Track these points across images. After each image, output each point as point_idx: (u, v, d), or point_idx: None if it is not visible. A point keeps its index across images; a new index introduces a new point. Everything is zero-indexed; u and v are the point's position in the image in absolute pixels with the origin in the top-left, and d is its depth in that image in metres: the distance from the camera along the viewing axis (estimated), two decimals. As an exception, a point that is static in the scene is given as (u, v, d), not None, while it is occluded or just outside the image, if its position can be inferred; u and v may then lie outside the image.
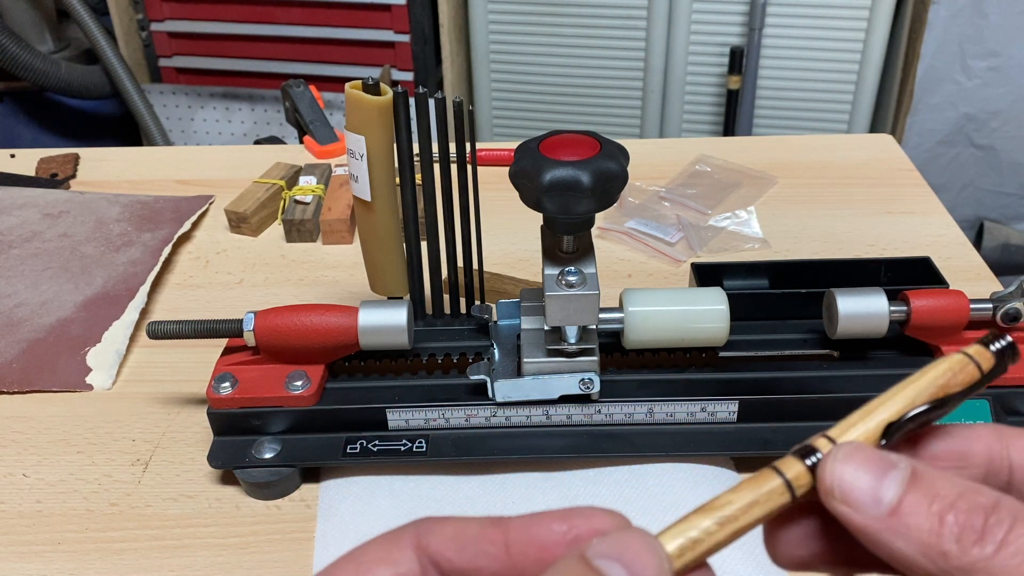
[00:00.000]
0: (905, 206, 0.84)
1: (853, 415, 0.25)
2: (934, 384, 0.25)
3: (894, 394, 0.26)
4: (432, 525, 0.24)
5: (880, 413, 0.25)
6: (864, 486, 0.23)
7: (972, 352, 0.26)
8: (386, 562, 0.24)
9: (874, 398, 0.26)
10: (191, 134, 2.04)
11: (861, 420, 0.25)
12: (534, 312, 0.57)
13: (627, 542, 0.22)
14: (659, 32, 1.76)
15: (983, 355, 0.26)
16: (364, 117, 0.54)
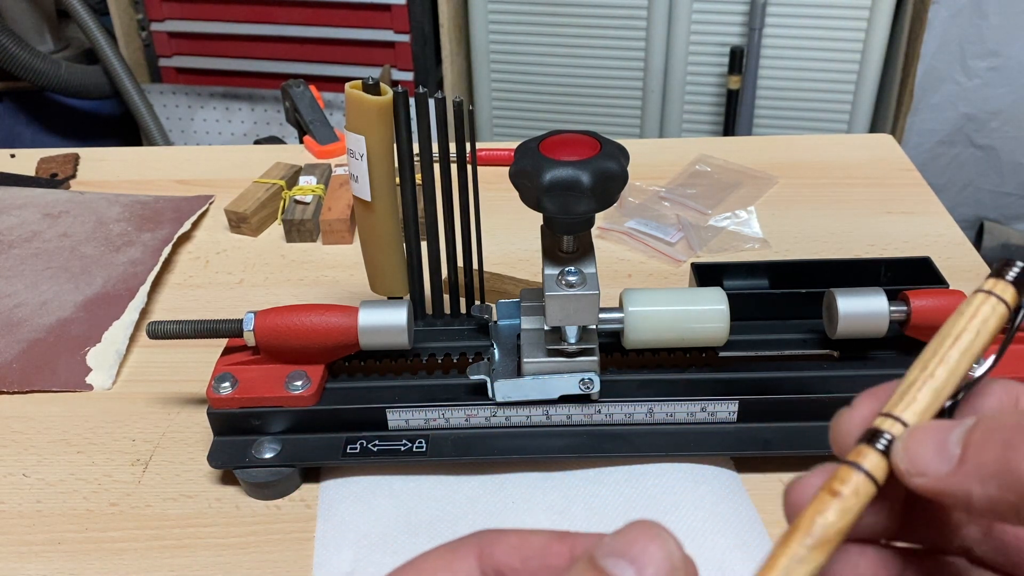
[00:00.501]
0: (905, 206, 0.84)
1: (905, 386, 0.25)
2: (980, 342, 0.25)
3: (941, 357, 0.25)
4: (494, 536, 0.24)
5: (934, 382, 0.24)
6: (931, 450, 0.23)
7: (990, 288, 0.24)
8: (447, 570, 0.23)
9: (916, 363, 0.25)
10: (191, 134, 2.04)
11: (919, 394, 0.24)
12: (534, 312, 0.57)
13: (633, 537, 0.21)
14: (659, 32, 1.76)
15: (1003, 289, 0.24)
16: (364, 117, 0.54)
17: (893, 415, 0.24)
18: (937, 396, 0.24)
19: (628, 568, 0.21)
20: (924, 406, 0.24)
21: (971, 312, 0.25)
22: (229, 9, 1.92)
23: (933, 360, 0.25)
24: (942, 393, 0.24)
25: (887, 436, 0.24)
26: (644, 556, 0.21)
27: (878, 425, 0.24)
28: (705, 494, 0.52)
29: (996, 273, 0.25)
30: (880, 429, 0.24)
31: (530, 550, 0.24)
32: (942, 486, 0.22)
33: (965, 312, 0.25)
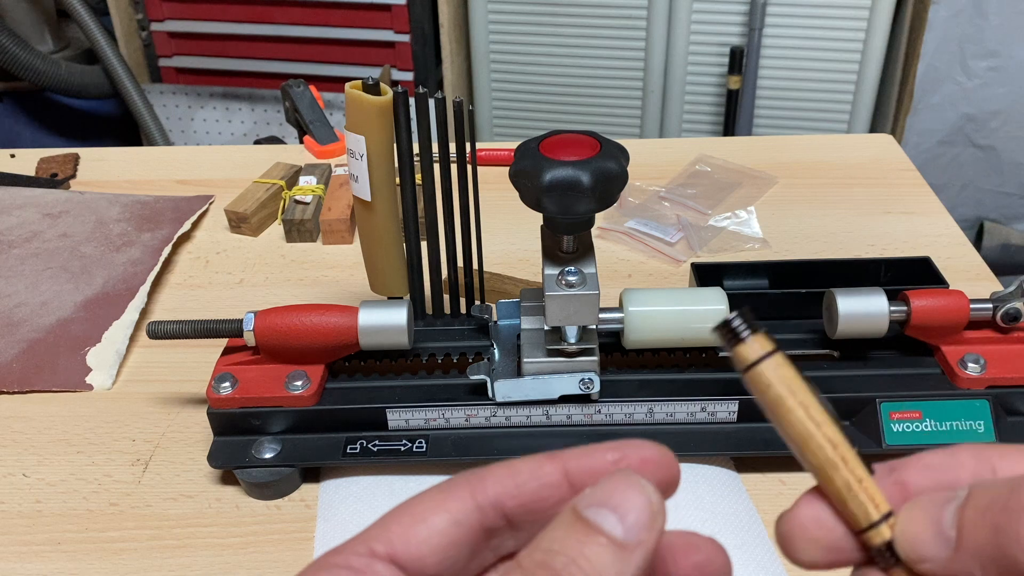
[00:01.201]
0: (905, 206, 0.84)
1: (840, 488, 0.24)
2: (805, 394, 0.24)
3: (821, 442, 0.24)
4: (483, 471, 0.24)
5: (848, 465, 0.24)
6: (929, 534, 0.22)
7: (754, 357, 0.24)
8: (442, 509, 0.24)
9: (809, 462, 0.24)
10: (191, 134, 2.04)
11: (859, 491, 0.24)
12: (534, 312, 0.57)
13: (614, 487, 0.22)
14: (659, 32, 1.76)
15: (756, 347, 0.24)
16: (364, 117, 0.54)
17: (875, 524, 0.23)
18: (857, 470, 0.24)
19: (610, 516, 0.21)
20: (870, 492, 0.23)
21: (771, 385, 0.24)
22: (229, 9, 1.92)
23: (820, 453, 0.23)
24: (854, 463, 0.24)
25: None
26: (626, 504, 0.22)
27: (878, 542, 0.23)
28: (705, 494, 0.52)
29: (734, 342, 0.24)
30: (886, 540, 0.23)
31: (522, 475, 0.24)
32: (946, 571, 0.22)
33: (774, 394, 0.24)
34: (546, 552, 0.22)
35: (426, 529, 0.23)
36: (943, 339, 0.57)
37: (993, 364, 0.55)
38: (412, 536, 0.23)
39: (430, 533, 0.23)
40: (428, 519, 0.24)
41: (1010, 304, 0.56)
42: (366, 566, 0.23)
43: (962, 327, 0.56)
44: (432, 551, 0.23)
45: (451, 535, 0.23)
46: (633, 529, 0.22)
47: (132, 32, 2.01)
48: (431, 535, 0.23)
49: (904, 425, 0.54)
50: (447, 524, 0.23)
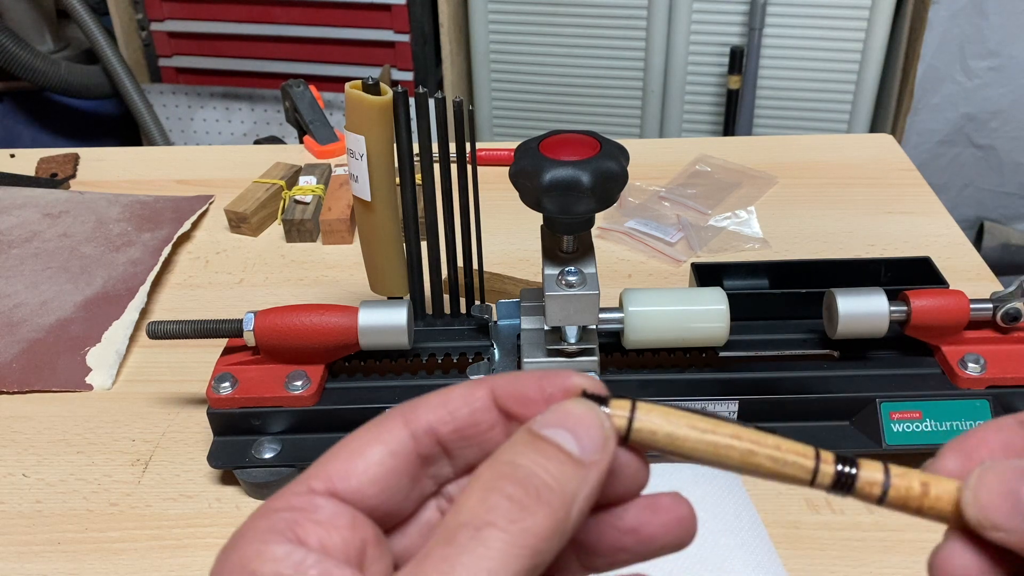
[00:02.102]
0: (905, 206, 0.84)
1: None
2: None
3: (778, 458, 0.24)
4: (415, 402, 0.25)
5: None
6: (1005, 503, 0.22)
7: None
8: (378, 441, 0.24)
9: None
10: (191, 134, 2.04)
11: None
12: (534, 312, 0.57)
13: (569, 410, 0.23)
14: (659, 32, 1.76)
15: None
16: (364, 117, 0.54)
17: (816, 472, 0.24)
18: (768, 441, 0.24)
19: (567, 435, 0.23)
20: (792, 451, 0.24)
21: (654, 432, 0.24)
22: (229, 9, 1.91)
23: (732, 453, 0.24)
24: (761, 439, 0.24)
25: (853, 471, 0.24)
26: (580, 426, 0.23)
27: (829, 482, 0.24)
28: (705, 494, 0.52)
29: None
30: (857, 463, 0.24)
31: (454, 403, 0.25)
32: (1019, 543, 0.22)
33: (661, 437, 0.24)
34: (507, 463, 0.22)
35: (363, 462, 0.24)
36: (943, 339, 0.57)
37: (993, 364, 0.55)
38: (350, 470, 0.24)
39: (367, 465, 0.24)
40: (364, 452, 0.24)
41: (1010, 304, 0.56)
42: (307, 503, 0.23)
43: (962, 327, 0.56)
44: (371, 481, 0.24)
45: (388, 465, 0.24)
46: (588, 448, 0.23)
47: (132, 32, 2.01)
48: (368, 467, 0.24)
49: (904, 425, 0.54)
50: (383, 455, 0.24)
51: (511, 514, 0.21)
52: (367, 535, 0.24)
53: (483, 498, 0.21)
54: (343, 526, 0.23)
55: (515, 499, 0.21)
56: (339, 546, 0.23)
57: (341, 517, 0.23)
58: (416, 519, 0.26)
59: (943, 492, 0.24)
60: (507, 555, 0.20)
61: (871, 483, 0.24)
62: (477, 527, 0.21)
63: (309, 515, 0.23)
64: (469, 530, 0.21)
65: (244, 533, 0.23)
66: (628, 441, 0.24)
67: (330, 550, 0.22)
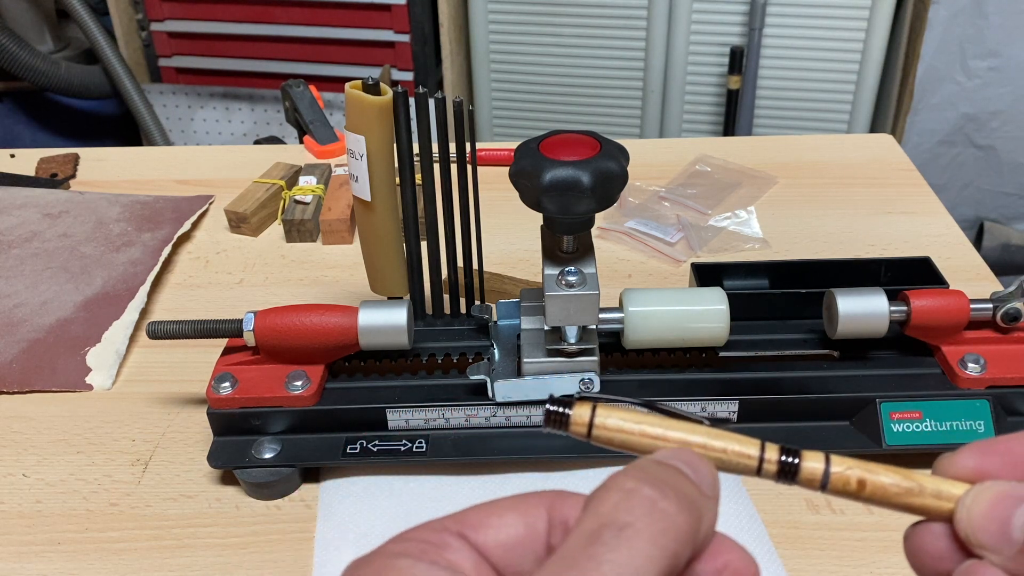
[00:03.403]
0: (905, 206, 0.84)
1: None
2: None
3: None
4: (565, 492, 0.26)
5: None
6: (995, 527, 0.24)
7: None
8: (518, 511, 0.25)
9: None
10: (191, 134, 2.04)
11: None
12: (534, 312, 0.57)
13: (680, 451, 0.25)
14: (659, 32, 1.76)
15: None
16: (364, 117, 0.54)
17: (761, 462, 0.26)
18: (719, 439, 0.26)
19: (686, 467, 0.24)
20: (739, 446, 0.26)
21: (612, 435, 0.26)
22: (229, 9, 1.91)
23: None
24: (714, 436, 0.26)
25: (795, 461, 0.26)
26: (696, 464, 0.24)
27: (774, 470, 0.26)
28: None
29: (564, 423, 0.27)
30: (800, 454, 0.26)
31: None
32: (1004, 565, 0.23)
33: (619, 439, 0.26)
34: (638, 470, 0.23)
35: (499, 521, 0.25)
36: (943, 339, 0.57)
37: (993, 364, 0.55)
38: (484, 523, 0.24)
39: (501, 525, 0.24)
40: (503, 514, 0.25)
41: (1010, 304, 0.56)
42: (440, 540, 0.24)
43: (962, 327, 0.56)
44: (498, 543, 0.24)
45: (520, 535, 0.24)
46: (705, 482, 0.24)
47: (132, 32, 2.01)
48: (502, 527, 0.24)
49: (904, 425, 0.54)
50: (519, 524, 0.25)
51: (653, 516, 0.22)
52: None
53: (623, 499, 0.22)
54: (468, 569, 0.24)
55: (653, 500, 0.22)
56: (469, 572, 0.23)
57: (468, 560, 0.24)
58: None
59: (915, 490, 0.25)
60: (650, 555, 0.21)
61: (812, 472, 0.26)
62: (620, 527, 0.21)
63: (440, 551, 0.24)
64: (612, 529, 0.21)
65: (379, 553, 0.23)
66: (590, 437, 0.26)
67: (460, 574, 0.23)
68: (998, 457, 0.25)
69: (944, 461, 0.26)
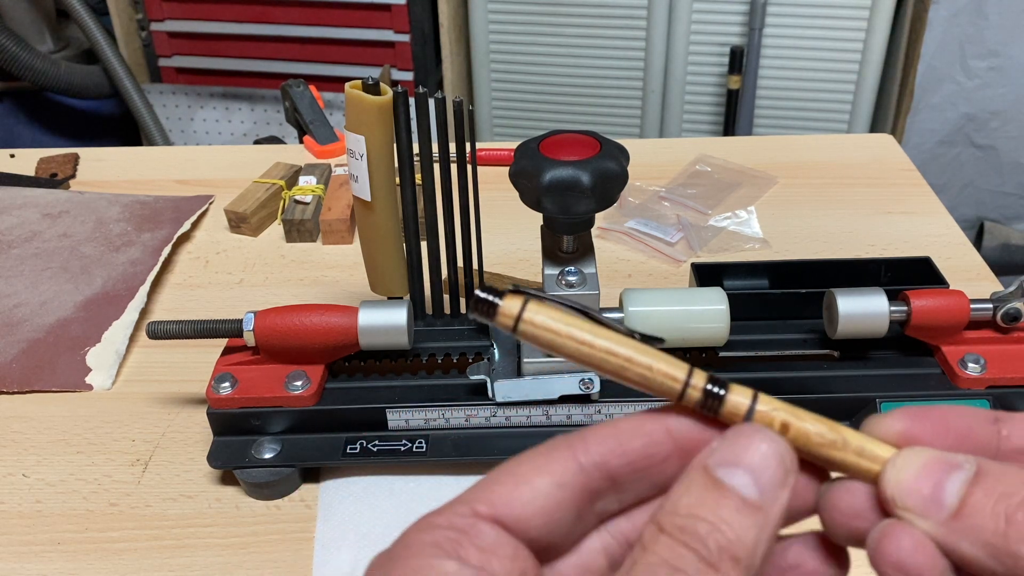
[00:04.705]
0: (905, 206, 0.84)
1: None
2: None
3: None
4: (584, 433, 0.24)
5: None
6: (925, 492, 0.22)
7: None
8: (546, 471, 0.24)
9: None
10: (191, 134, 2.04)
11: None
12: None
13: (747, 446, 0.22)
14: (659, 32, 1.76)
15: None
16: (364, 117, 0.54)
17: (685, 387, 0.24)
18: (642, 360, 0.25)
19: (744, 476, 0.22)
20: (663, 370, 0.25)
21: (537, 332, 0.25)
22: (229, 9, 1.91)
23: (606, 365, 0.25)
24: (637, 356, 0.25)
25: (721, 392, 0.24)
26: (756, 461, 0.22)
27: (697, 397, 0.24)
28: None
29: (492, 312, 0.25)
30: (727, 385, 0.25)
31: (625, 434, 0.24)
32: (934, 533, 0.22)
33: (544, 338, 0.25)
34: (686, 517, 0.22)
35: (530, 491, 0.23)
36: (943, 339, 0.57)
37: (993, 364, 0.55)
38: (515, 498, 0.23)
39: (534, 495, 0.23)
40: (532, 481, 0.23)
41: (1010, 304, 0.56)
42: (470, 526, 0.23)
43: (962, 327, 0.56)
44: (536, 513, 0.23)
45: (555, 497, 0.23)
46: (767, 488, 0.22)
47: (132, 32, 2.01)
48: (535, 497, 0.23)
49: (904, 425, 0.54)
50: (551, 486, 0.23)
51: (699, 567, 0.21)
52: (526, 567, 0.23)
53: (671, 546, 0.21)
54: (505, 556, 0.23)
55: (702, 556, 0.21)
56: (500, 574, 0.22)
57: (504, 547, 0.23)
58: (574, 554, 0.25)
59: (839, 443, 0.24)
60: None
61: (736, 407, 0.24)
62: (671, 570, 0.21)
63: (472, 539, 0.22)
64: (665, 571, 0.21)
65: (408, 544, 0.22)
66: (516, 332, 0.25)
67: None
68: (930, 424, 0.24)
69: (873, 420, 0.25)
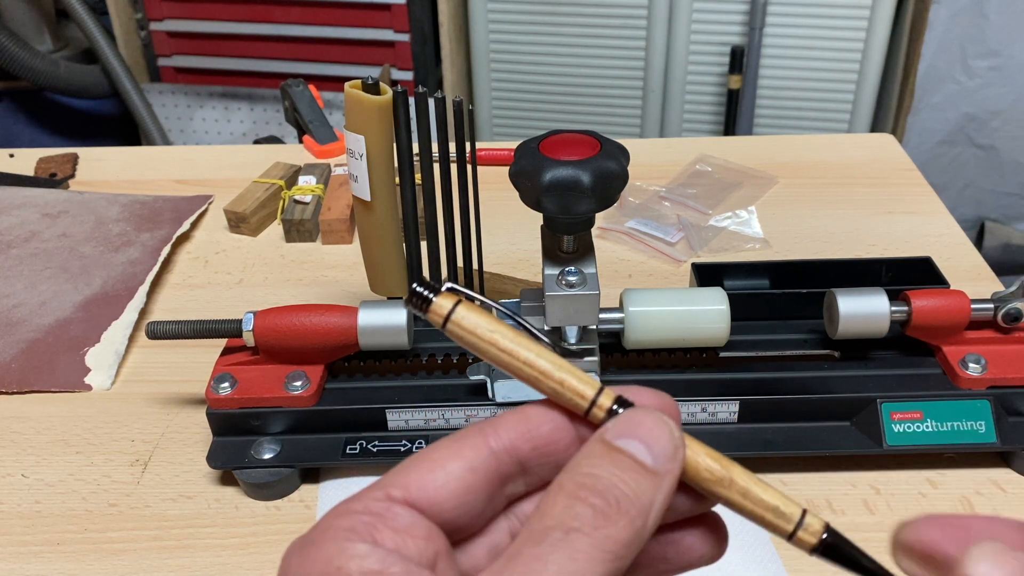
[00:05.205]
0: (906, 206, 0.84)
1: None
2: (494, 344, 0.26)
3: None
4: (495, 420, 0.26)
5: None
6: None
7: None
8: (458, 456, 0.25)
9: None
10: (190, 134, 2.04)
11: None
12: (534, 312, 0.57)
13: (640, 420, 0.24)
14: (659, 31, 1.76)
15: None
16: (364, 117, 0.54)
17: (592, 404, 0.26)
18: (556, 375, 0.26)
19: (640, 446, 0.24)
20: (574, 388, 0.26)
21: (463, 334, 0.26)
22: (229, 9, 1.91)
23: (522, 374, 0.26)
24: (552, 369, 0.26)
25: (618, 410, 0.25)
26: (651, 436, 0.24)
27: (603, 416, 0.25)
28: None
29: (425, 306, 0.27)
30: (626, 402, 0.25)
31: (534, 420, 0.26)
32: None
33: (468, 340, 0.26)
34: (587, 476, 0.23)
35: (443, 475, 0.24)
36: (944, 339, 0.57)
37: (994, 364, 0.55)
38: (429, 482, 0.24)
39: (447, 479, 0.24)
40: (445, 465, 0.24)
41: (1011, 304, 0.56)
42: (385, 510, 0.24)
43: (963, 327, 0.56)
44: (448, 496, 0.24)
45: (467, 481, 0.24)
46: (660, 458, 0.24)
47: (131, 31, 2.01)
48: (448, 481, 0.24)
49: (905, 425, 0.54)
50: (463, 470, 0.24)
51: (595, 522, 0.22)
52: (440, 547, 0.24)
53: (569, 505, 0.23)
54: (419, 536, 0.24)
55: (598, 509, 0.22)
56: (414, 554, 0.23)
57: (417, 527, 0.24)
58: (484, 536, 0.26)
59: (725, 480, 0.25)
60: (592, 558, 0.22)
61: None
62: (565, 531, 0.22)
63: (387, 521, 0.23)
64: (558, 532, 0.22)
65: (324, 530, 0.23)
66: (445, 330, 0.26)
67: (406, 557, 0.23)
68: (963, 530, 0.24)
69: (908, 530, 0.25)
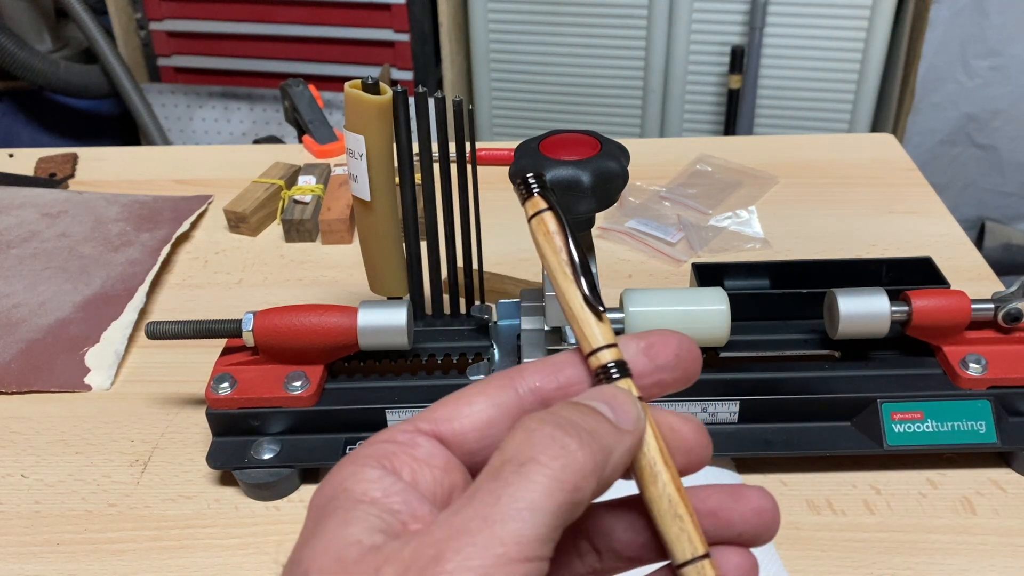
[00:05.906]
0: (906, 206, 0.84)
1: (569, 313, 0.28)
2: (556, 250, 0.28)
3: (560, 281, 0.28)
4: (521, 366, 0.27)
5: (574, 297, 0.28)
6: None
7: (533, 210, 0.28)
8: (483, 394, 0.26)
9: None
10: (190, 134, 2.04)
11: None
12: (534, 312, 0.57)
13: (606, 391, 0.26)
14: (660, 31, 1.76)
15: (537, 203, 0.28)
16: (364, 117, 0.54)
17: (595, 350, 0.27)
18: (581, 313, 0.27)
19: (607, 406, 0.25)
20: (591, 326, 0.27)
21: (537, 237, 0.28)
22: (228, 8, 1.91)
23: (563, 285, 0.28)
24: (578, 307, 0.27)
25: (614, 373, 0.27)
26: (616, 404, 0.25)
27: (596, 366, 0.27)
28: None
29: (526, 195, 0.29)
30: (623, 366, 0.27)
31: (559, 364, 0.27)
32: None
33: (538, 241, 0.28)
34: (547, 413, 0.25)
35: (468, 408, 0.26)
36: (944, 339, 0.57)
37: (994, 364, 0.55)
38: (455, 415, 0.26)
39: (472, 411, 0.26)
40: (471, 401, 0.26)
41: (1012, 304, 0.56)
42: (409, 440, 0.25)
43: (963, 327, 0.56)
44: (472, 427, 0.26)
45: (491, 414, 0.26)
46: (623, 420, 0.25)
47: (131, 31, 2.01)
48: (472, 412, 0.26)
49: (905, 426, 0.54)
50: (488, 405, 0.26)
51: (553, 451, 0.23)
52: (457, 480, 0.25)
53: (527, 438, 0.23)
54: (437, 466, 0.25)
55: (556, 439, 0.23)
56: (428, 483, 0.24)
57: (437, 458, 0.25)
58: None
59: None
60: (549, 488, 0.22)
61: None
62: (521, 462, 0.23)
63: (407, 450, 0.25)
64: (514, 465, 0.23)
65: (350, 456, 0.25)
66: (529, 222, 0.29)
67: (419, 485, 0.24)
68: None
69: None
